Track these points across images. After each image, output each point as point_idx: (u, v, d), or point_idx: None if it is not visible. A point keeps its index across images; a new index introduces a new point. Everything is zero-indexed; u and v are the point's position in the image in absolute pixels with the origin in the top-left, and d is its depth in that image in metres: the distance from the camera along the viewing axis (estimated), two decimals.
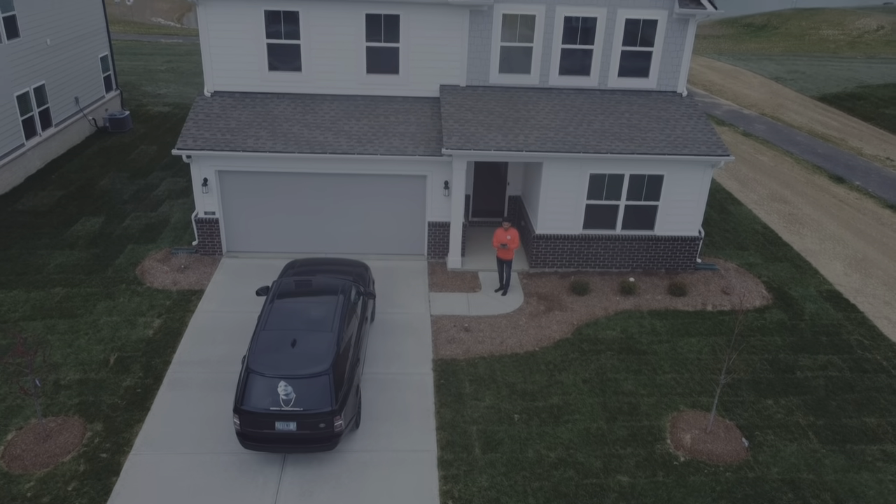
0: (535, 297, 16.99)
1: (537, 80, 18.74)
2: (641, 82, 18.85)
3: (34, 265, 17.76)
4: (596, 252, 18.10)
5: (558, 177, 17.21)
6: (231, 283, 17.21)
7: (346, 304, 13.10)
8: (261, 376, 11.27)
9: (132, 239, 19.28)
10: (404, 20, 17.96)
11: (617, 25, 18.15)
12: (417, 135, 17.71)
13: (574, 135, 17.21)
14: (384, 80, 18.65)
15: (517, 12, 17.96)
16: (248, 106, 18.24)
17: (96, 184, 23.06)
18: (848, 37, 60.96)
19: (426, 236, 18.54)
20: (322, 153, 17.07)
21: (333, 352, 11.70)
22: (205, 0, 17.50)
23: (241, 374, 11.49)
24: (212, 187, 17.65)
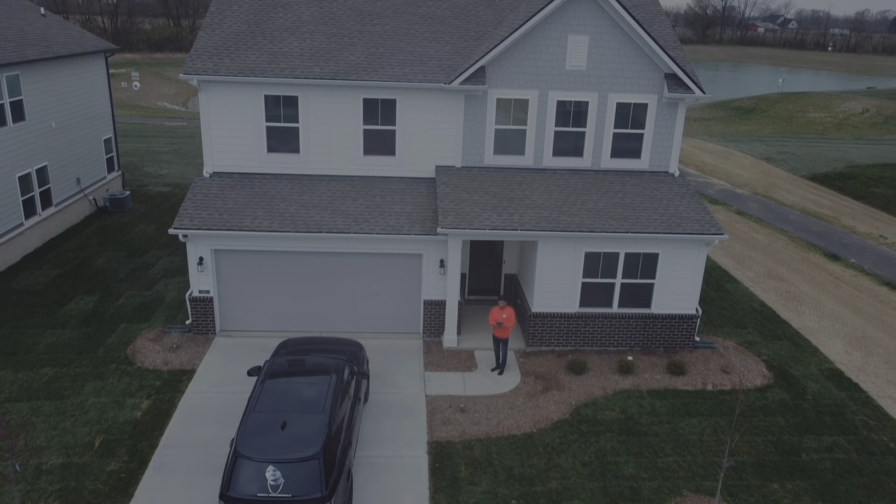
0: (533, 377, 16.71)
1: (531, 161, 19.07)
2: (634, 163, 19.18)
3: (24, 345, 17.54)
4: (593, 330, 17.93)
5: (553, 255, 17.25)
6: (223, 362, 16.95)
7: (339, 385, 12.85)
8: (248, 460, 10.91)
9: (126, 318, 19.12)
10: (401, 104, 18.44)
11: (608, 109, 18.62)
12: (413, 214, 17.86)
13: (569, 214, 17.37)
14: (381, 162, 18.97)
15: (511, 97, 18.46)
16: (246, 186, 18.47)
17: (93, 262, 23.08)
18: (835, 119, 62.63)
19: (422, 315, 18.41)
20: (318, 232, 17.16)
21: (324, 434, 11.38)
22: (207, 84, 17.99)
23: (229, 457, 11.13)
24: (207, 266, 17.64)
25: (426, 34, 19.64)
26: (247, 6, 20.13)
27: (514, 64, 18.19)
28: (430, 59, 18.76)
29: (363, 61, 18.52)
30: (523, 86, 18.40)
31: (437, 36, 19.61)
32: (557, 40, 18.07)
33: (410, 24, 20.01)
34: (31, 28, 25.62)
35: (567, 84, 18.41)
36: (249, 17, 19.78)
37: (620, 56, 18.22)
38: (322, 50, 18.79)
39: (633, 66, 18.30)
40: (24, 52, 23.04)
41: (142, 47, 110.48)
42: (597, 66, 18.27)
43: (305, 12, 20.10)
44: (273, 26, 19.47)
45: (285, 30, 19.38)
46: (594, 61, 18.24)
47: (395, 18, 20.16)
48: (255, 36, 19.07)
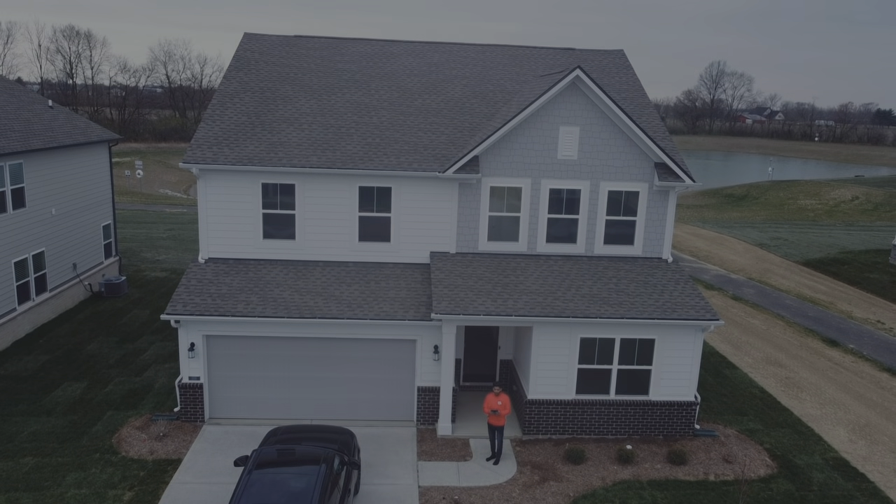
0: (529, 466, 16.23)
1: (525, 248, 19.22)
2: (627, 249, 19.33)
3: (6, 433, 17.09)
4: (590, 418, 17.56)
5: (549, 341, 17.12)
6: (211, 451, 16.48)
7: (328, 476, 12.45)
8: None
9: (113, 405, 18.73)
10: (396, 192, 18.76)
11: (600, 197, 18.95)
12: (407, 300, 17.83)
13: (563, 299, 17.36)
14: (376, 248, 19.11)
15: (504, 185, 18.82)
16: (240, 272, 18.52)
17: (83, 348, 22.82)
18: (825, 206, 63.71)
19: (416, 401, 18.07)
20: (311, 318, 17.07)
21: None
22: (205, 173, 18.35)
23: None
24: (198, 352, 17.44)
25: (422, 125, 20.22)
26: (248, 99, 20.81)
27: (507, 153, 18.64)
28: (425, 149, 19.24)
29: (360, 151, 18.98)
30: (516, 174, 18.79)
31: (433, 127, 20.19)
32: (549, 131, 18.60)
33: (406, 115, 20.64)
34: (38, 119, 26.37)
35: (559, 173, 18.81)
36: (250, 108, 20.41)
37: (611, 146, 18.70)
38: (320, 140, 19.29)
39: (623, 155, 18.76)
40: (28, 142, 23.61)
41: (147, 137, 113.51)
42: (588, 155, 18.72)
43: (305, 105, 20.77)
44: (273, 118, 20.07)
45: (285, 121, 19.96)
46: (585, 151, 18.71)
47: (392, 111, 20.81)
48: (255, 127, 19.61)
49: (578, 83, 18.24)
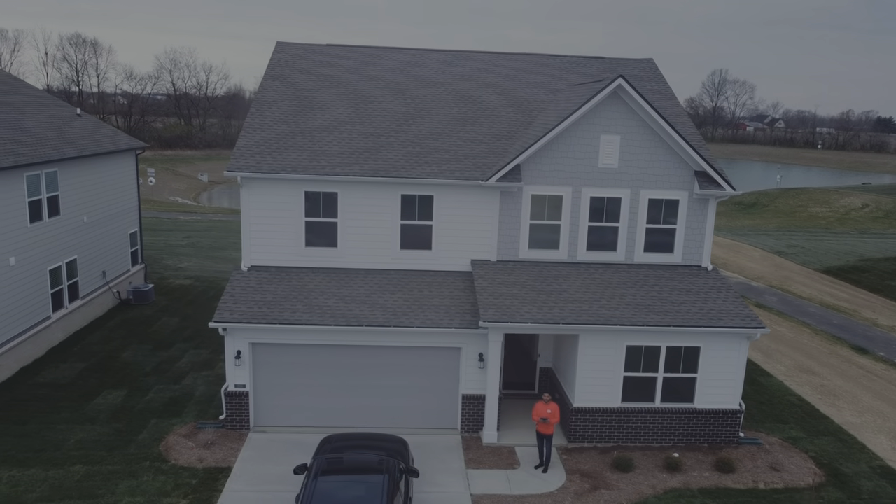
0: (578, 475, 16.25)
1: (566, 256, 19.29)
2: (667, 257, 19.41)
3: (53, 441, 17.10)
4: (635, 425, 17.60)
5: (595, 349, 17.17)
6: (259, 460, 16.49)
7: (392, 484, 12.49)
8: None
9: (156, 413, 18.75)
10: (438, 200, 18.85)
11: (641, 205, 19.04)
12: (452, 308, 17.88)
13: (608, 307, 17.42)
14: (417, 256, 19.18)
15: (545, 193, 18.92)
16: (283, 280, 18.58)
17: (118, 356, 22.84)
18: (836, 213, 63.84)
19: (460, 409, 18.10)
20: (358, 325, 17.13)
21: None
22: (249, 181, 18.43)
23: None
24: (244, 360, 17.48)
25: (460, 134, 20.33)
26: (286, 108, 20.91)
27: (548, 162, 18.74)
28: (465, 158, 19.33)
29: (401, 159, 19.08)
30: (557, 182, 18.88)
31: (471, 136, 20.30)
32: (590, 139, 18.70)
33: (444, 124, 20.74)
34: (69, 127, 26.47)
35: (600, 181, 18.91)
36: (289, 117, 20.52)
37: (651, 154, 18.80)
38: (361, 148, 19.38)
39: (663, 163, 18.86)
40: (62, 150, 23.69)
41: (153, 144, 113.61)
42: (628, 163, 18.82)
43: (342, 113, 20.87)
44: (312, 126, 20.16)
45: (324, 130, 20.06)
46: (626, 159, 18.81)
47: (429, 119, 20.92)
48: (296, 135, 19.71)
49: (620, 92, 18.35)
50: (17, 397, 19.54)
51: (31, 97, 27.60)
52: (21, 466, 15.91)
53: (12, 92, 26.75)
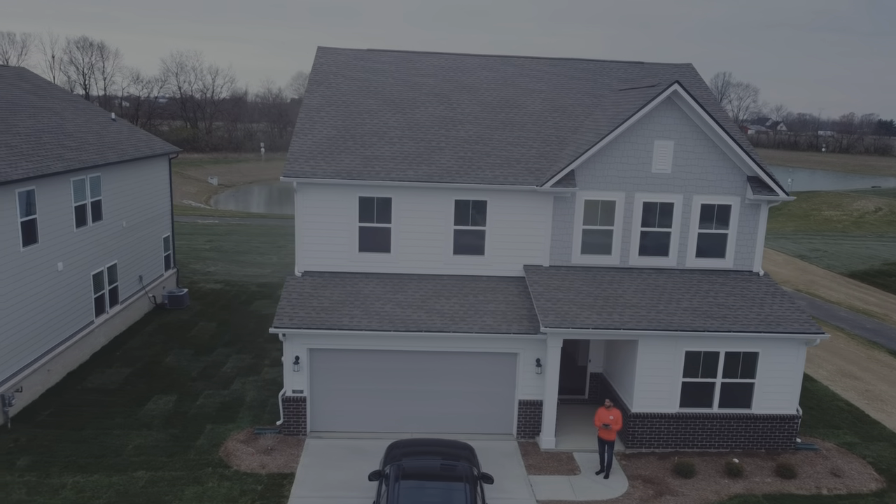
0: (640, 480, 16.25)
1: (618, 261, 19.30)
2: (718, 262, 19.42)
3: (111, 447, 17.09)
4: (693, 431, 17.61)
5: (654, 354, 17.18)
6: (320, 465, 16.48)
7: (473, 491, 12.48)
8: None
9: (209, 418, 18.73)
10: (491, 205, 18.87)
11: (693, 210, 19.06)
12: (508, 313, 17.89)
13: (665, 313, 17.43)
14: (470, 261, 19.19)
15: (598, 198, 18.94)
16: (338, 285, 18.58)
17: (162, 361, 22.82)
18: (850, 217, 63.93)
19: (516, 415, 18.10)
20: (417, 331, 17.13)
21: None
22: (304, 186, 18.45)
23: None
24: (302, 365, 17.48)
25: (509, 139, 20.35)
26: (334, 113, 20.94)
27: (601, 167, 18.76)
28: (517, 163, 19.36)
29: (454, 165, 19.10)
30: (610, 188, 18.90)
31: (520, 141, 20.32)
32: (644, 145, 18.73)
33: (493, 129, 20.77)
34: (106, 132, 26.49)
35: (653, 186, 18.93)
36: (337, 122, 20.54)
37: (704, 160, 18.83)
38: (412, 154, 19.41)
39: (716, 169, 18.88)
40: (105, 155, 23.72)
41: None
42: (681, 169, 18.85)
43: (391, 118, 20.90)
44: (362, 131, 20.18)
45: (374, 135, 20.08)
46: (679, 165, 18.84)
47: (477, 125, 20.95)
48: (347, 140, 19.73)
49: (675, 97, 18.39)
50: (68, 403, 19.53)
51: (67, 102, 27.63)
52: (84, 472, 15.90)
53: (49, 97, 26.77)
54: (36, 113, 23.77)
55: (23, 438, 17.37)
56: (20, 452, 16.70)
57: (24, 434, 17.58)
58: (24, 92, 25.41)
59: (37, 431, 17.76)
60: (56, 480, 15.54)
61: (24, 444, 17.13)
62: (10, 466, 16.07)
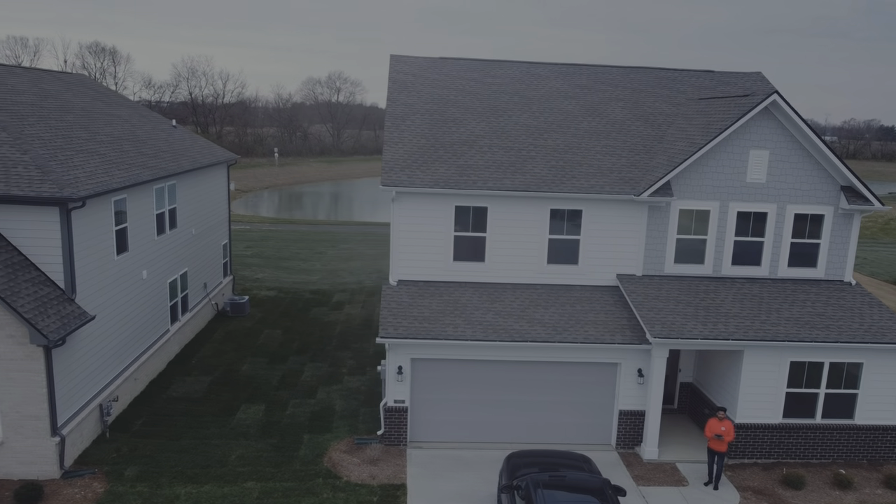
0: (750, 492, 16.21)
1: (710, 270, 19.29)
2: (810, 272, 19.41)
3: (215, 457, 17.01)
4: (796, 441, 17.58)
5: (759, 365, 17.16)
6: (428, 476, 16.42)
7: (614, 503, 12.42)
8: None
9: (304, 428, 18.67)
10: (586, 214, 18.87)
11: (786, 219, 19.07)
12: (609, 323, 17.86)
13: (769, 323, 17.41)
14: (563, 270, 19.18)
15: (692, 208, 18.94)
16: (434, 294, 18.54)
17: (238, 369, 22.75)
18: (876, 224, 64.04)
19: (615, 425, 18.06)
20: (521, 341, 17.09)
21: None
22: (401, 195, 18.43)
23: None
24: (405, 375, 17.43)
25: (597, 148, 20.35)
26: (419, 121, 20.93)
27: (697, 177, 18.77)
28: (609, 172, 19.36)
29: (548, 174, 19.10)
30: (705, 197, 18.91)
31: (608, 150, 20.32)
32: (739, 155, 18.75)
33: (578, 138, 20.77)
34: (173, 139, 26.47)
35: (747, 196, 18.94)
36: (424, 130, 20.53)
37: (798, 169, 18.85)
38: (504, 163, 19.40)
39: (810, 178, 18.90)
40: (179, 163, 23.69)
41: None
42: (776, 178, 18.87)
43: (476, 127, 20.89)
44: (450, 140, 20.18)
45: (463, 143, 20.08)
46: (773, 174, 18.85)
47: (563, 133, 20.95)
48: (437, 149, 19.72)
49: (771, 107, 18.42)
50: (158, 412, 19.45)
51: (131, 109, 27.62)
52: (194, 483, 15.82)
53: (114, 103, 26.75)
54: (110, 120, 23.76)
55: (124, 448, 17.30)
56: (125, 462, 16.63)
57: (125, 444, 17.51)
58: (93, 99, 25.38)
59: (136, 441, 17.69)
60: (168, 491, 15.47)
61: (126, 453, 17.06)
62: (120, 476, 15.99)
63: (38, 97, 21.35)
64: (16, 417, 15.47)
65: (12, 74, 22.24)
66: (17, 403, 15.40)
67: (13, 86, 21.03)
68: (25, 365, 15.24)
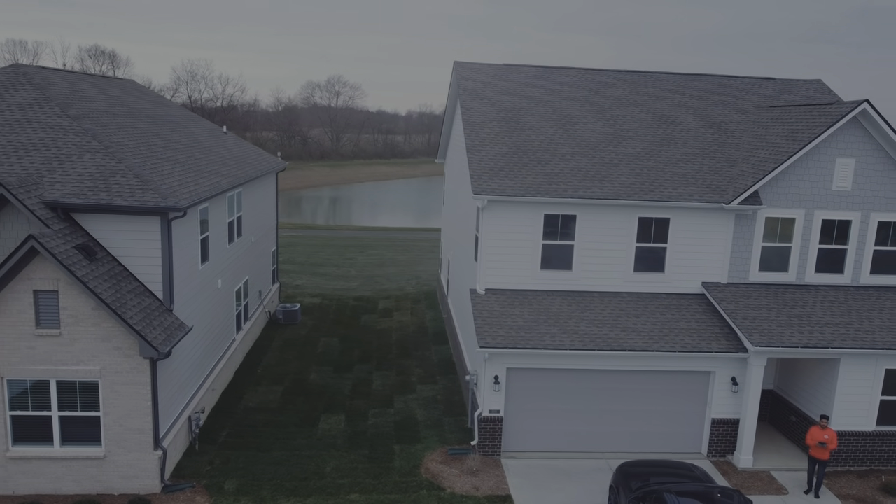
0: (852, 500, 16.24)
1: (794, 278, 19.33)
2: (892, 279, 19.50)
3: (311, 469, 16.82)
4: (889, 449, 17.62)
5: (855, 373, 17.22)
6: (531, 487, 16.32)
7: None
8: None
9: (391, 438, 18.51)
10: (674, 223, 18.86)
11: (870, 227, 19.14)
12: (702, 331, 17.85)
13: (862, 331, 17.47)
14: (649, 278, 19.15)
15: (778, 216, 18.98)
16: (524, 303, 18.46)
17: (307, 378, 22.55)
18: None
19: (707, 433, 18.04)
20: (620, 350, 17.05)
21: None
22: (492, 204, 18.34)
23: None
24: (500, 385, 17.33)
25: (677, 156, 20.36)
26: (497, 129, 20.86)
27: (783, 185, 18.81)
28: (695, 180, 19.36)
29: (634, 182, 19.08)
30: (790, 205, 18.96)
31: (688, 157, 20.34)
32: (825, 163, 18.82)
33: (657, 146, 20.77)
34: (232, 145, 26.25)
35: (832, 203, 19.01)
36: (504, 138, 20.46)
37: (884, 177, 18.94)
38: (590, 171, 19.36)
39: (895, 186, 18.99)
40: (245, 171, 23.48)
41: None
42: (861, 186, 18.95)
43: (555, 135, 20.85)
44: (531, 148, 20.12)
45: (545, 151, 20.02)
46: (859, 182, 18.93)
47: (640, 141, 20.94)
48: (521, 157, 19.65)
49: (860, 116, 18.50)
50: (239, 422, 19.22)
51: (185, 115, 27.37)
52: (296, 496, 15.64)
53: (171, 111, 26.49)
54: (174, 128, 23.53)
55: (216, 460, 17.08)
56: (221, 475, 16.41)
57: (216, 456, 17.29)
58: (151, 105, 25.12)
59: (226, 453, 17.46)
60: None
61: (219, 465, 16.84)
62: (220, 490, 15.78)
63: (107, 104, 21.09)
64: (119, 431, 15.23)
65: (78, 81, 21.96)
66: (121, 417, 15.16)
67: (84, 92, 20.78)
68: (132, 378, 15.02)
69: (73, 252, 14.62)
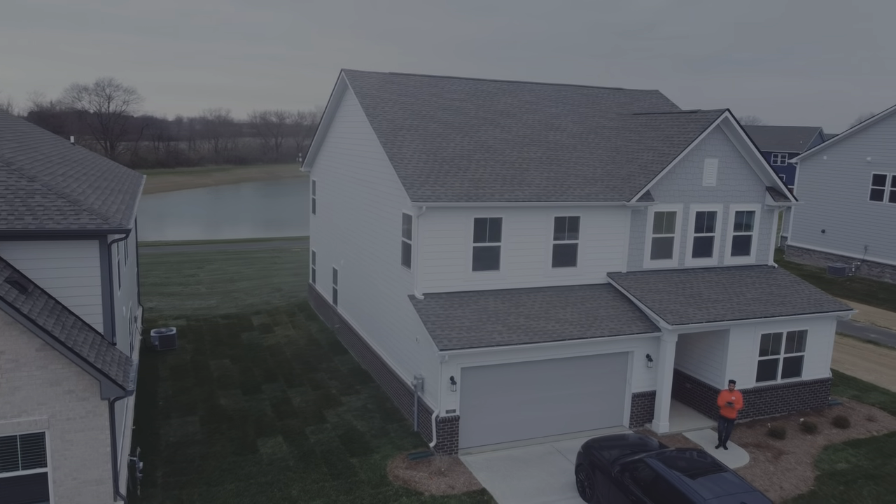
0: (752, 447, 19.26)
1: (677, 264, 22.28)
2: (745, 259, 23.28)
3: (277, 496, 16.08)
4: (763, 401, 21.09)
5: (740, 340, 20.34)
6: (500, 478, 17.11)
7: None
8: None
9: (343, 452, 18.19)
10: (583, 220, 20.78)
11: (730, 216, 22.68)
12: (621, 317, 19.93)
13: (742, 304, 20.73)
14: (565, 272, 20.89)
15: (664, 210, 21.74)
16: (461, 304, 19.17)
17: (217, 404, 21.13)
18: None
19: (628, 407, 20.16)
20: (561, 340, 18.48)
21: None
22: (428, 210, 18.78)
23: None
24: (456, 385, 17.88)
25: (573, 159, 22.37)
26: (409, 137, 21.32)
27: (667, 183, 21.59)
28: (595, 181, 21.48)
29: (547, 185, 20.68)
30: (673, 200, 21.82)
31: (582, 160, 22.44)
32: (697, 163, 21.95)
33: (554, 150, 22.62)
34: (91, 160, 23.56)
35: (703, 198, 22.22)
36: (418, 146, 20.99)
37: (737, 173, 22.55)
38: (507, 176, 20.60)
39: (745, 181, 22.71)
40: (129, 186, 21.31)
41: None
42: (723, 182, 22.38)
43: (462, 142, 21.80)
44: (447, 155, 20.88)
45: (460, 158, 20.90)
46: (721, 178, 22.34)
47: (537, 146, 22.65)
48: (441, 164, 20.33)
49: (722, 123, 21.85)
50: (170, 460, 17.61)
51: (31, 126, 23.96)
52: None
53: (14, 121, 23.06)
54: (39, 139, 20.62)
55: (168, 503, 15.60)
56: None
57: (167, 498, 15.79)
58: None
59: (176, 493, 16.01)
60: None
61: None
62: None
63: None
64: (73, 486, 13.40)
65: None
66: (75, 469, 13.35)
67: None
68: (87, 423, 13.30)
69: (8, 287, 12.59)
